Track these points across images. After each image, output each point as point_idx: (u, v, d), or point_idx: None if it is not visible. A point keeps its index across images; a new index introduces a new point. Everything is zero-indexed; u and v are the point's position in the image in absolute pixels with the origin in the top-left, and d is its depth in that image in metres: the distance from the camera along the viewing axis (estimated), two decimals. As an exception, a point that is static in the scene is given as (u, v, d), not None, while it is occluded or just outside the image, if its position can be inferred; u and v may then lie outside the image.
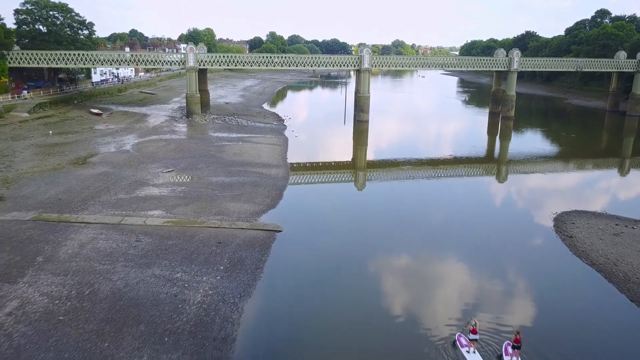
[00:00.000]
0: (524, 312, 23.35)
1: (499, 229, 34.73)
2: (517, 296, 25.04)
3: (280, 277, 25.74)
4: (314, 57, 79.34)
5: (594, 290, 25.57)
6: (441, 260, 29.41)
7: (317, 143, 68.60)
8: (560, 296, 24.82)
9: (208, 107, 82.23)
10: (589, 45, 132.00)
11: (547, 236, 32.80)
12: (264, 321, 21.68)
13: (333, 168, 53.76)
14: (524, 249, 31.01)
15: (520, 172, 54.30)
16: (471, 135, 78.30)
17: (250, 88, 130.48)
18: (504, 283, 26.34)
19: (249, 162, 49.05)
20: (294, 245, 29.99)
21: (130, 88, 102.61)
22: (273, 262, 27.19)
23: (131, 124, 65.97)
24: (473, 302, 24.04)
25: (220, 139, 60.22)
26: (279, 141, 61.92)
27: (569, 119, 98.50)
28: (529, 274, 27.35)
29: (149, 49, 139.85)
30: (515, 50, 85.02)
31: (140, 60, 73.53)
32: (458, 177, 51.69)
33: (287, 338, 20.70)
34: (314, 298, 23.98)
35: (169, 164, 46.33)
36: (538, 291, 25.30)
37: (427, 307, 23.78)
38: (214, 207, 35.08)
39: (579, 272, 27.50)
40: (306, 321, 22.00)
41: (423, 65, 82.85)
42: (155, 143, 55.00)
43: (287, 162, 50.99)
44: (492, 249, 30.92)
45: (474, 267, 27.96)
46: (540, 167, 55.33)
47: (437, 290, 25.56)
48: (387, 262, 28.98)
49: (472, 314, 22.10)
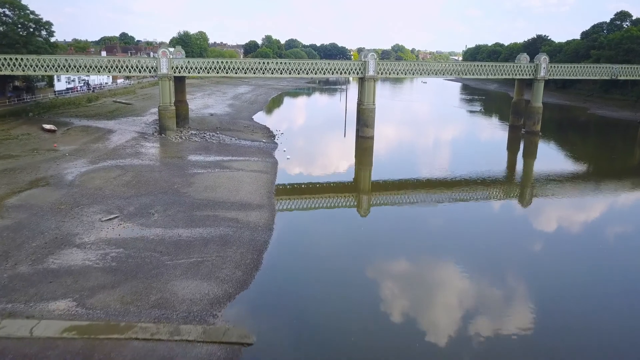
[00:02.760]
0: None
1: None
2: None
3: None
4: (312, 62, 67.92)
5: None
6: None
7: (313, 164, 57.23)
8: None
9: (187, 121, 70.62)
10: (611, 49, 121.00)
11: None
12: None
13: (331, 197, 42.35)
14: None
15: (557, 202, 42.80)
16: (491, 153, 67.51)
17: (241, 96, 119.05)
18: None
19: (223, 201, 37.41)
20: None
21: (104, 97, 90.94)
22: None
23: (87, 144, 54.28)
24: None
25: (193, 165, 48.60)
26: (265, 166, 50.34)
27: (599, 134, 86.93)
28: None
29: (130, 53, 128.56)
30: (542, 56, 73.75)
31: (100, 67, 61.89)
32: (480, 200, 43.09)
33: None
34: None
35: (114, 207, 34.68)
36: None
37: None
38: (154, 289, 23.47)
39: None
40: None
41: (437, 72, 71.54)
42: (107, 172, 43.28)
43: (272, 200, 39.39)
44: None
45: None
46: (592, 201, 43.91)
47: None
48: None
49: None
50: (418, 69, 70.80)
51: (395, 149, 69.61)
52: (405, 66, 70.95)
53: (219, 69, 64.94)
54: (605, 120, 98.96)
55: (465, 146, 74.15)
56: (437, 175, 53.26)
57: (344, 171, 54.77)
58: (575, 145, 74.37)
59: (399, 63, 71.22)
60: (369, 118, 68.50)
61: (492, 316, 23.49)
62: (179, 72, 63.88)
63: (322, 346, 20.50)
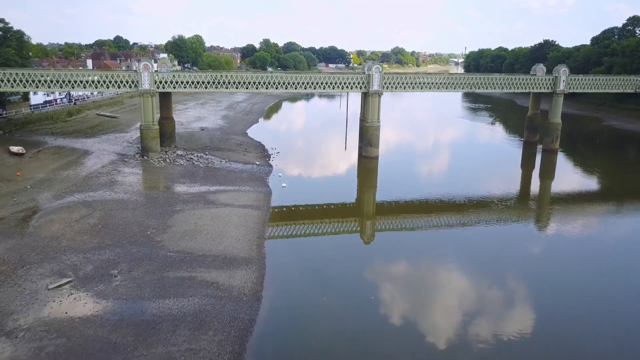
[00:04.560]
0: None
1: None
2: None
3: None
4: (311, 76, 61.57)
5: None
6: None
7: (311, 190, 51.43)
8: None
9: (173, 139, 64.29)
10: (625, 57, 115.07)
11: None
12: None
13: (331, 235, 36.02)
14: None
15: (584, 239, 36.66)
16: (505, 173, 62.48)
17: (236, 105, 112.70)
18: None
19: (203, 254, 31.15)
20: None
21: (87, 109, 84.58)
22: None
23: (56, 172, 47.97)
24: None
25: (174, 199, 42.31)
26: (257, 199, 44.07)
27: (622, 151, 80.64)
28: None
29: (120, 60, 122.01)
30: (562, 67, 67.58)
31: (72, 82, 55.55)
32: (496, 225, 38.79)
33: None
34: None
35: (68, 266, 28.41)
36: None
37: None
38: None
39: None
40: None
41: (448, 85, 65.21)
42: (71, 213, 36.95)
43: (262, 249, 33.12)
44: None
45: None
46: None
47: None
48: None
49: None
50: (427, 83, 64.57)
51: (401, 169, 63.45)
52: (413, 79, 64.71)
53: (208, 84, 58.70)
54: (625, 133, 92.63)
55: (477, 165, 68.21)
56: (447, 197, 49.53)
57: (346, 202, 48.54)
58: (600, 166, 67.91)
59: (406, 76, 64.99)
60: (373, 137, 62.32)
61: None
62: (163, 87, 57.64)
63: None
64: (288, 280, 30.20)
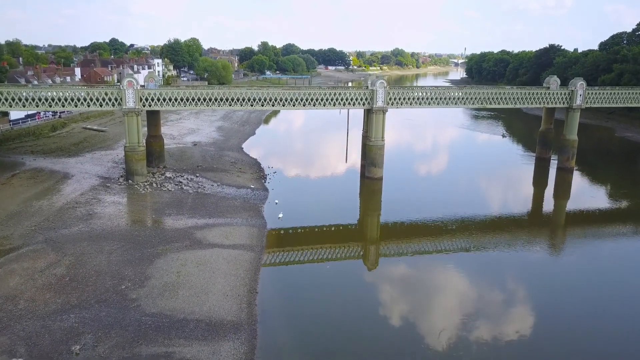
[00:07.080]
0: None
1: None
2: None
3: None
4: (309, 92, 56.89)
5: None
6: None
7: (310, 218, 47.05)
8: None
9: (162, 159, 59.67)
10: (637, 64, 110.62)
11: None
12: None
13: (333, 283, 31.51)
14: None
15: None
16: (517, 192, 58.80)
17: (232, 115, 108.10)
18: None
19: (184, 317, 26.62)
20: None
21: (74, 122, 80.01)
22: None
23: (28, 202, 43.38)
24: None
25: (157, 237, 37.72)
26: (250, 236, 39.55)
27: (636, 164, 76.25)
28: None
29: (111, 67, 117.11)
30: (578, 81, 63.06)
31: (48, 99, 51.15)
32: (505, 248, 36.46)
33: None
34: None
35: (20, 339, 23.85)
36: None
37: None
38: None
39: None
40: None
41: (457, 100, 60.69)
42: (35, 261, 32.34)
43: (254, 308, 28.60)
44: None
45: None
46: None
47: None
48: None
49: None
50: (435, 97, 60.01)
51: (406, 188, 59.12)
52: (421, 93, 60.25)
53: (198, 101, 54.16)
54: (637, 145, 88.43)
55: (486, 184, 64.16)
56: (456, 219, 46.94)
57: (349, 231, 44.11)
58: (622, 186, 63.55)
59: (413, 89, 60.53)
60: (377, 156, 57.82)
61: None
62: (149, 105, 53.12)
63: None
64: (284, 350, 25.68)
